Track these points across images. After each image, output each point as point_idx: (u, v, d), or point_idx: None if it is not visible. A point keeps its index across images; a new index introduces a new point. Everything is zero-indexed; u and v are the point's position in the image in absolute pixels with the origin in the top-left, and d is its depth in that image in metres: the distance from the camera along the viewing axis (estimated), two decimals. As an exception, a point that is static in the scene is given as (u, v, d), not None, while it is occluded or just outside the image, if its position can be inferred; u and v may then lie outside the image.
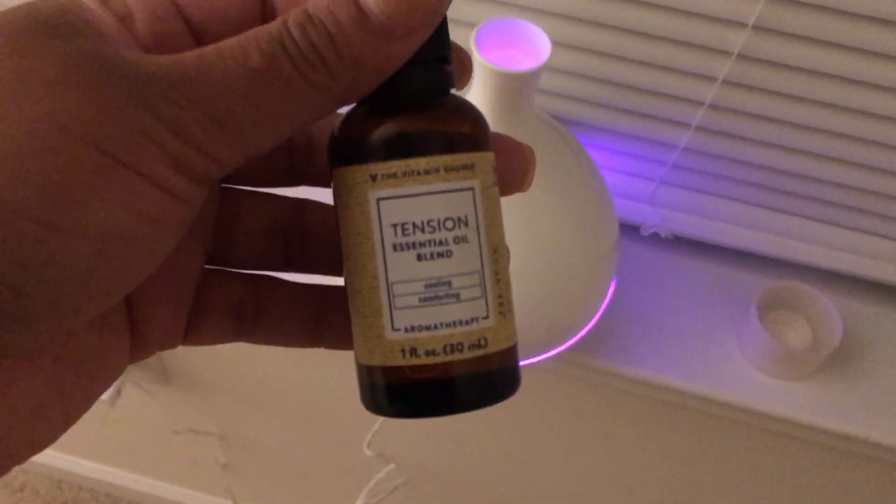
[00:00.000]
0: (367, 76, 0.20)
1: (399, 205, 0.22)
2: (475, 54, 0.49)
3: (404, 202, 0.22)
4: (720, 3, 0.55)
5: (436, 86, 0.23)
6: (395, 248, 0.22)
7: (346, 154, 0.23)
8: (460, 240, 0.22)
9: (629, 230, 0.74)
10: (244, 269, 0.27)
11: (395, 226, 0.22)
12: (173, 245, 0.21)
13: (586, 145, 0.65)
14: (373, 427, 0.85)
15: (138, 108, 0.18)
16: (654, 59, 0.60)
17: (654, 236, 0.73)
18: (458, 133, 0.23)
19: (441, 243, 0.22)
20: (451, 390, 0.23)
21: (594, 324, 0.64)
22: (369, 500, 1.00)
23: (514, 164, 0.24)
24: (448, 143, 0.22)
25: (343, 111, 0.23)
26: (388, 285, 0.22)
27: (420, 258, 0.22)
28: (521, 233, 0.55)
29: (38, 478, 1.34)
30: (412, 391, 0.23)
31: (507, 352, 0.23)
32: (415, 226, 0.22)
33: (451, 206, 0.22)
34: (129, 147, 0.18)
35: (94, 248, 0.18)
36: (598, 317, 0.64)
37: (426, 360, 0.22)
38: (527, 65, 0.50)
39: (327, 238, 0.27)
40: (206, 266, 0.26)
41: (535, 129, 0.57)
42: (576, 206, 0.58)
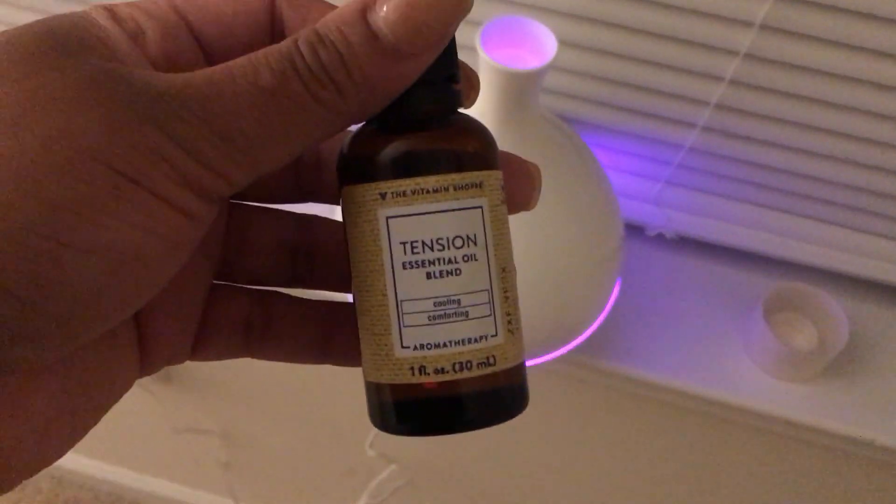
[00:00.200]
0: (376, 95, 0.21)
1: (408, 223, 0.22)
2: (480, 53, 0.49)
3: (414, 220, 0.22)
4: (727, 3, 0.55)
5: (445, 104, 0.23)
6: (404, 266, 0.22)
7: (355, 172, 0.23)
8: (469, 258, 0.22)
9: (634, 231, 0.74)
10: (252, 285, 0.27)
11: (404, 244, 0.22)
12: (183, 262, 0.21)
13: (591, 145, 0.65)
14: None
15: (150, 126, 0.18)
16: (661, 58, 0.60)
17: (660, 237, 0.73)
18: (466, 151, 0.23)
19: (450, 261, 0.22)
20: (459, 408, 0.23)
21: (599, 325, 0.63)
22: (371, 501, 1.00)
23: (520, 183, 0.24)
24: (457, 161, 0.22)
25: (352, 129, 0.23)
26: (397, 303, 0.22)
27: (429, 276, 0.22)
28: (526, 233, 0.54)
29: (39, 476, 1.34)
30: (421, 409, 0.23)
31: (516, 370, 0.24)
32: (424, 244, 0.22)
33: (460, 224, 0.22)
34: (140, 165, 0.18)
35: (105, 265, 0.18)
36: (602, 318, 0.64)
37: (436, 378, 0.22)
38: (532, 64, 0.50)
39: (335, 255, 0.27)
40: (215, 282, 0.26)
41: (540, 128, 0.56)
42: (580, 206, 0.58)
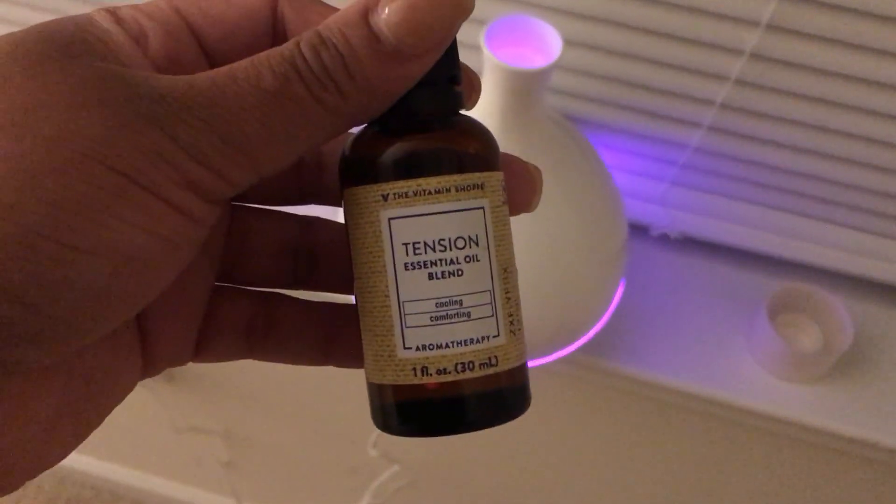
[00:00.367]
0: (378, 97, 0.21)
1: (410, 224, 0.22)
2: (485, 52, 0.49)
3: (415, 221, 0.22)
4: (733, 2, 0.55)
5: (446, 106, 0.23)
6: (406, 267, 0.22)
7: (357, 174, 0.23)
8: (471, 259, 0.22)
9: (639, 231, 0.74)
10: (254, 287, 0.27)
11: (406, 245, 0.22)
12: (186, 263, 0.21)
13: (596, 145, 0.65)
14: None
15: (153, 128, 0.18)
16: (666, 57, 0.60)
17: (664, 237, 0.73)
18: (468, 153, 0.23)
19: (452, 262, 0.22)
20: (462, 409, 0.23)
21: (603, 325, 0.63)
22: (373, 501, 1.00)
23: (521, 184, 0.25)
24: (458, 162, 0.22)
25: (353, 131, 0.23)
26: (399, 304, 0.22)
27: (431, 277, 0.22)
28: (530, 233, 0.54)
29: (41, 475, 1.34)
30: (423, 410, 0.23)
31: (518, 370, 0.24)
32: (426, 245, 0.22)
33: (461, 225, 0.22)
34: (143, 167, 0.18)
35: (109, 266, 0.18)
36: (606, 318, 0.63)
37: (438, 379, 0.22)
38: (537, 63, 0.50)
39: (336, 256, 0.27)
40: (217, 283, 0.26)
41: (545, 128, 0.56)
42: (585, 205, 0.58)
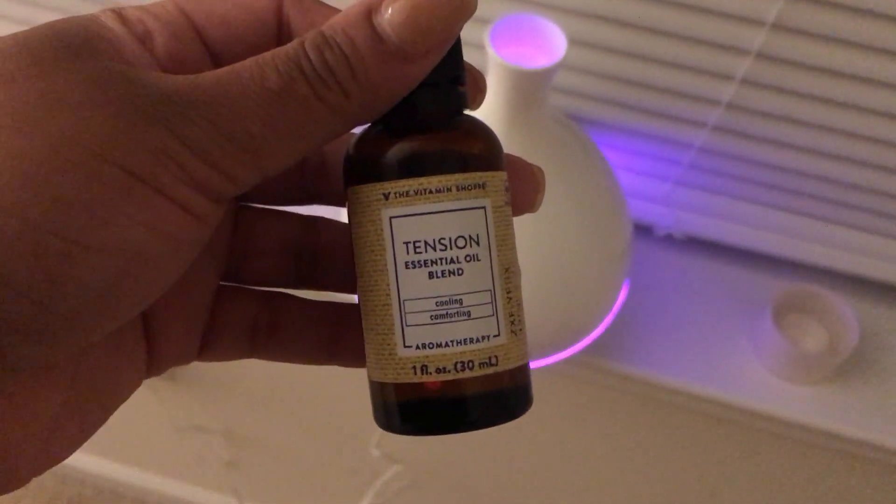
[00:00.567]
0: (381, 97, 0.21)
1: (411, 223, 0.22)
2: (489, 51, 0.48)
3: (416, 220, 0.22)
4: (738, 1, 0.54)
5: (449, 106, 0.23)
6: (407, 265, 0.22)
7: (359, 173, 0.23)
8: (472, 258, 0.22)
9: (643, 231, 0.74)
10: (258, 287, 0.27)
11: (407, 244, 0.22)
12: (191, 261, 0.21)
13: (600, 144, 0.64)
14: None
15: (158, 127, 0.18)
16: (671, 57, 0.59)
17: (669, 237, 0.73)
18: (469, 153, 0.23)
19: (452, 261, 0.22)
20: (461, 408, 0.23)
21: (606, 326, 0.63)
22: (375, 501, 1.00)
23: (524, 185, 0.25)
24: (460, 162, 0.23)
25: (357, 131, 0.23)
26: (400, 303, 0.22)
27: (432, 276, 0.22)
28: (534, 233, 0.54)
29: (43, 472, 1.34)
30: (423, 409, 0.23)
31: (519, 370, 0.24)
32: (427, 244, 0.22)
33: (462, 224, 0.22)
34: (149, 165, 0.18)
35: (115, 263, 0.18)
36: (610, 319, 0.63)
37: (438, 378, 0.22)
38: (542, 62, 0.50)
39: (340, 256, 0.27)
40: (221, 283, 0.27)
41: (549, 128, 0.56)
42: (588, 206, 0.58)
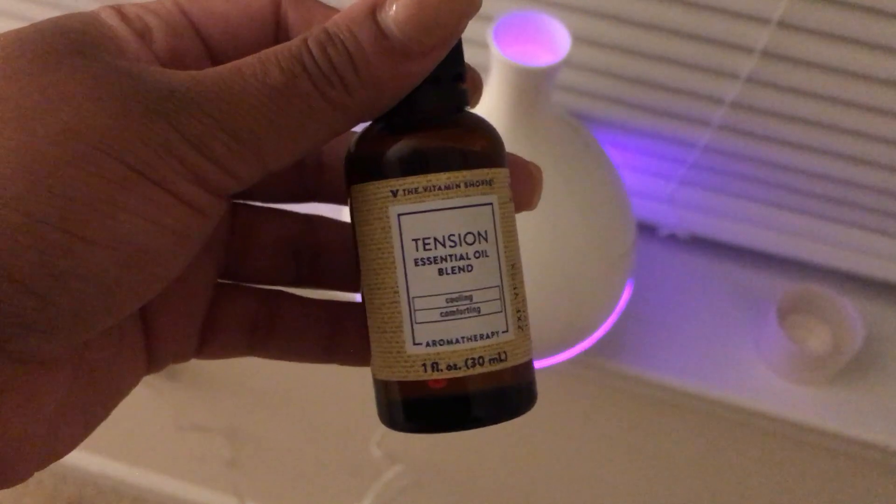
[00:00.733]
0: (385, 94, 0.21)
1: (420, 220, 0.22)
2: (493, 49, 0.48)
3: (425, 217, 0.22)
4: (744, -1, 0.54)
5: (453, 102, 0.23)
6: (416, 262, 0.22)
7: (364, 171, 0.23)
8: (480, 254, 0.22)
9: (647, 230, 0.74)
10: (256, 285, 0.27)
11: (416, 241, 0.22)
12: (191, 256, 0.21)
13: (604, 143, 0.64)
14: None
15: (160, 122, 0.19)
16: (676, 55, 0.59)
17: (672, 237, 0.73)
18: (477, 149, 0.23)
19: (462, 258, 0.22)
20: (470, 405, 0.23)
21: (610, 326, 0.63)
22: (376, 501, 1.00)
23: (521, 183, 0.25)
24: (468, 158, 0.23)
25: (357, 130, 0.24)
26: (409, 300, 0.22)
27: (441, 272, 0.22)
28: (537, 232, 0.54)
29: (43, 472, 1.34)
30: (433, 406, 0.23)
31: (525, 366, 0.24)
32: (436, 240, 0.22)
33: (471, 220, 0.22)
34: (151, 160, 0.19)
35: (117, 258, 0.19)
36: (614, 319, 0.63)
37: (448, 375, 0.22)
38: (545, 60, 0.49)
39: (339, 254, 0.27)
40: (220, 281, 0.27)
41: (552, 126, 0.56)
42: (592, 205, 0.57)
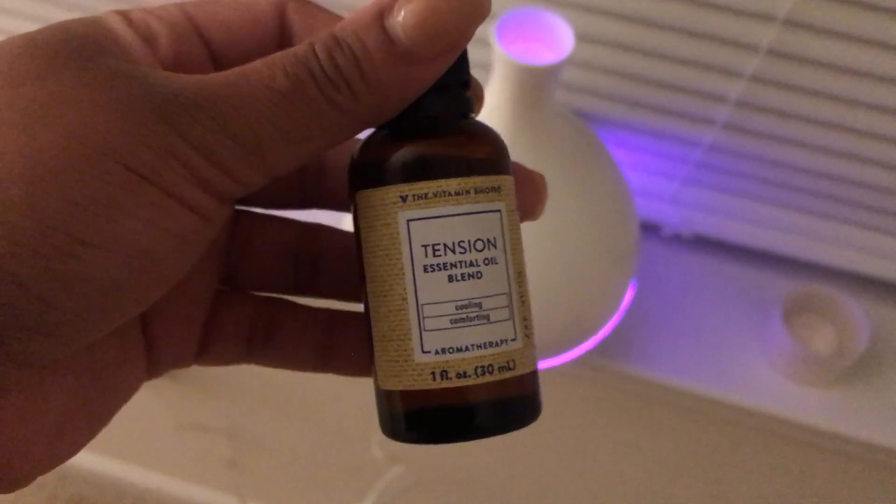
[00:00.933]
0: (391, 100, 0.21)
1: (430, 226, 0.22)
2: (495, 47, 0.48)
3: (435, 223, 0.22)
4: (750, -3, 0.54)
5: (459, 109, 0.23)
6: (425, 269, 0.22)
7: (371, 177, 0.23)
8: (490, 261, 0.22)
9: (650, 230, 0.73)
10: (255, 292, 0.27)
11: (425, 247, 0.22)
12: (194, 260, 0.21)
13: (608, 142, 0.64)
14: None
15: (164, 125, 0.19)
16: (680, 53, 0.59)
17: (676, 237, 0.73)
18: (486, 156, 0.23)
19: (472, 264, 0.22)
20: (477, 414, 0.22)
21: (614, 326, 0.63)
22: (378, 501, 1.00)
23: (526, 191, 0.25)
24: (477, 165, 0.23)
25: (360, 137, 0.23)
26: (418, 307, 0.22)
27: (451, 279, 0.22)
28: (540, 233, 0.53)
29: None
30: (440, 416, 0.22)
31: (532, 375, 0.23)
32: (446, 247, 0.22)
33: (480, 227, 0.22)
34: (154, 164, 0.19)
35: (121, 261, 0.19)
36: (617, 319, 0.63)
37: (457, 383, 0.22)
38: (549, 59, 0.49)
39: (338, 262, 0.27)
40: (219, 288, 0.27)
41: (556, 125, 0.55)
42: (595, 204, 0.57)
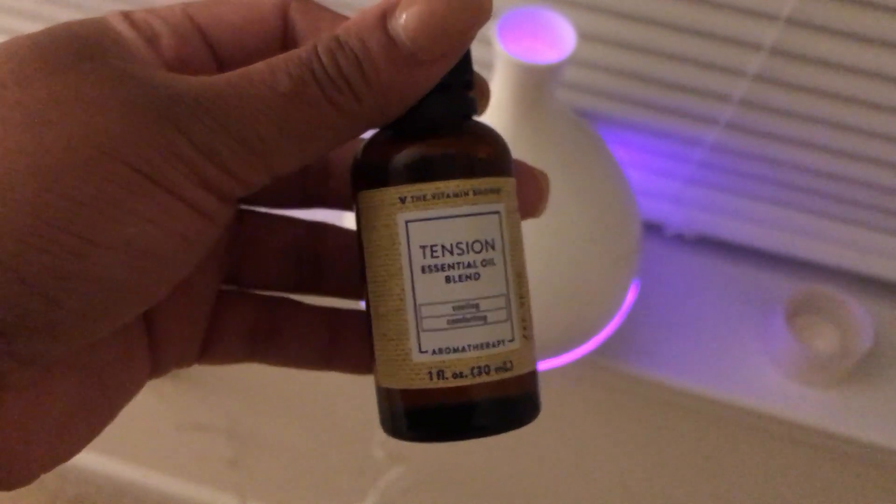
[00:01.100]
0: (394, 102, 0.21)
1: (428, 227, 0.22)
2: (496, 46, 0.47)
3: (433, 224, 0.22)
4: (753, -5, 0.53)
5: (461, 110, 0.23)
6: (423, 269, 0.22)
7: (372, 177, 0.23)
8: (487, 262, 0.22)
9: (653, 230, 0.73)
10: (258, 291, 0.27)
11: (423, 248, 0.22)
12: (198, 260, 0.22)
13: (610, 142, 0.64)
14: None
15: (168, 126, 0.19)
16: (683, 52, 0.59)
17: (679, 237, 0.73)
18: (486, 157, 0.23)
19: (469, 265, 0.22)
20: (475, 414, 0.23)
21: (615, 327, 0.63)
22: (379, 501, 1.00)
23: (527, 189, 0.25)
24: (476, 166, 0.23)
25: (363, 137, 0.24)
26: (415, 307, 0.22)
27: (448, 280, 0.22)
28: (541, 232, 0.53)
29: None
30: (437, 415, 0.23)
31: (530, 376, 0.24)
32: (444, 248, 0.22)
33: (478, 228, 0.22)
34: (159, 166, 0.19)
35: (125, 261, 0.19)
36: (619, 320, 0.63)
37: (454, 383, 0.22)
38: (551, 57, 0.49)
39: (341, 261, 0.27)
40: (222, 287, 0.27)
41: (558, 124, 0.55)
42: (597, 204, 0.57)
